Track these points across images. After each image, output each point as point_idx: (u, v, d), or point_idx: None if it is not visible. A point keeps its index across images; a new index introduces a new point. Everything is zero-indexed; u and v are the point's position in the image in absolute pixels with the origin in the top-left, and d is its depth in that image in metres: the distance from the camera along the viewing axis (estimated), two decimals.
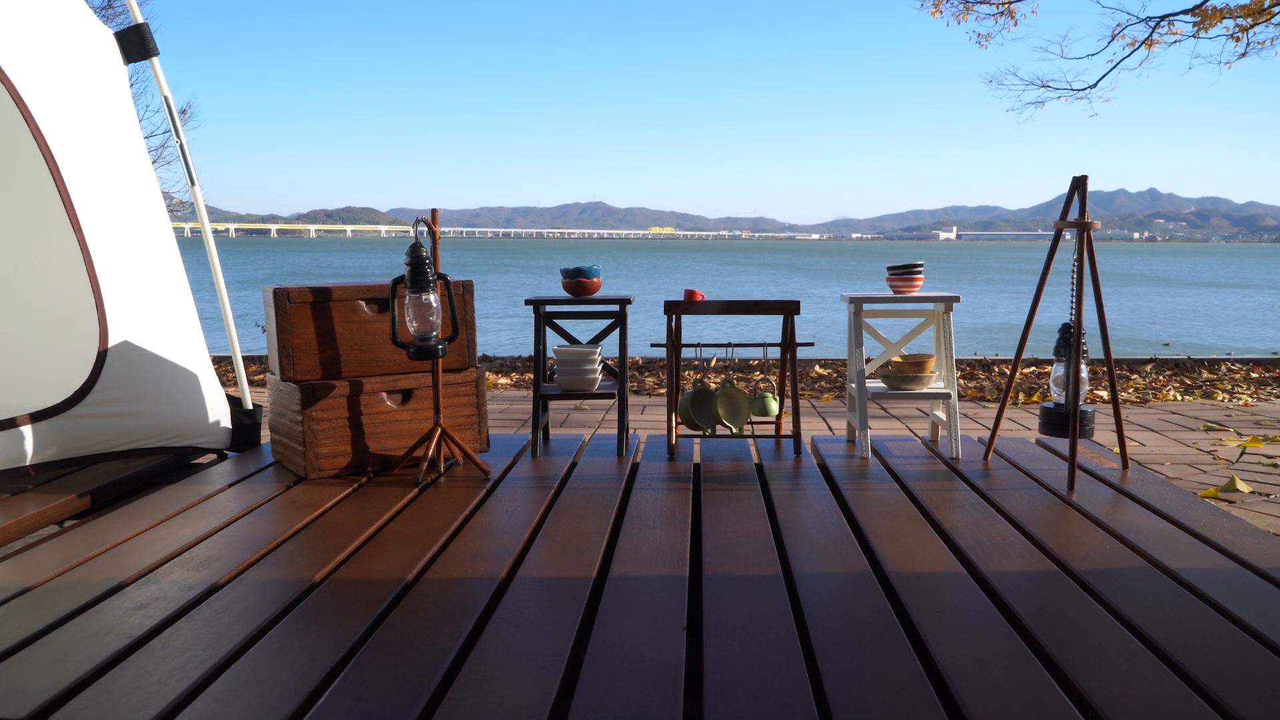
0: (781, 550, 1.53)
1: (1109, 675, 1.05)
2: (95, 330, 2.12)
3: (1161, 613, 1.24)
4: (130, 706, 1.00)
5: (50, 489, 1.97)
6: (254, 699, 1.01)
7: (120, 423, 2.17)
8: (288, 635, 1.19)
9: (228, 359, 5.87)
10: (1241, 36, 7.91)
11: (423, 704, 1.00)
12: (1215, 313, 15.83)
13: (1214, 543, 1.54)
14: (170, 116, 2.39)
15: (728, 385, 2.31)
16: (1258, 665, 1.08)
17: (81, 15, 2.15)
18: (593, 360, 2.29)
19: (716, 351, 6.80)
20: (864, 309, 2.31)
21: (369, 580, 1.39)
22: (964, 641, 1.15)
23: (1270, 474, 2.98)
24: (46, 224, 2.08)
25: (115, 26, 2.27)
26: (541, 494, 1.90)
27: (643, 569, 1.43)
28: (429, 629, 1.20)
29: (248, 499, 1.88)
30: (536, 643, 1.15)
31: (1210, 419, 4.04)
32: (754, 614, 1.24)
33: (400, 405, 2.14)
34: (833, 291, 20.12)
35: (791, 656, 1.11)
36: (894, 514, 1.74)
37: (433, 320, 1.96)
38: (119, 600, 1.32)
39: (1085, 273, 1.89)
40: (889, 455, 2.26)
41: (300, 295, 2.04)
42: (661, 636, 1.17)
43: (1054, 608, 1.26)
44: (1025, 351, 2.29)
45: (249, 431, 2.43)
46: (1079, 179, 1.91)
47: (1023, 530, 1.63)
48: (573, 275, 2.31)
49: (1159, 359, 6.07)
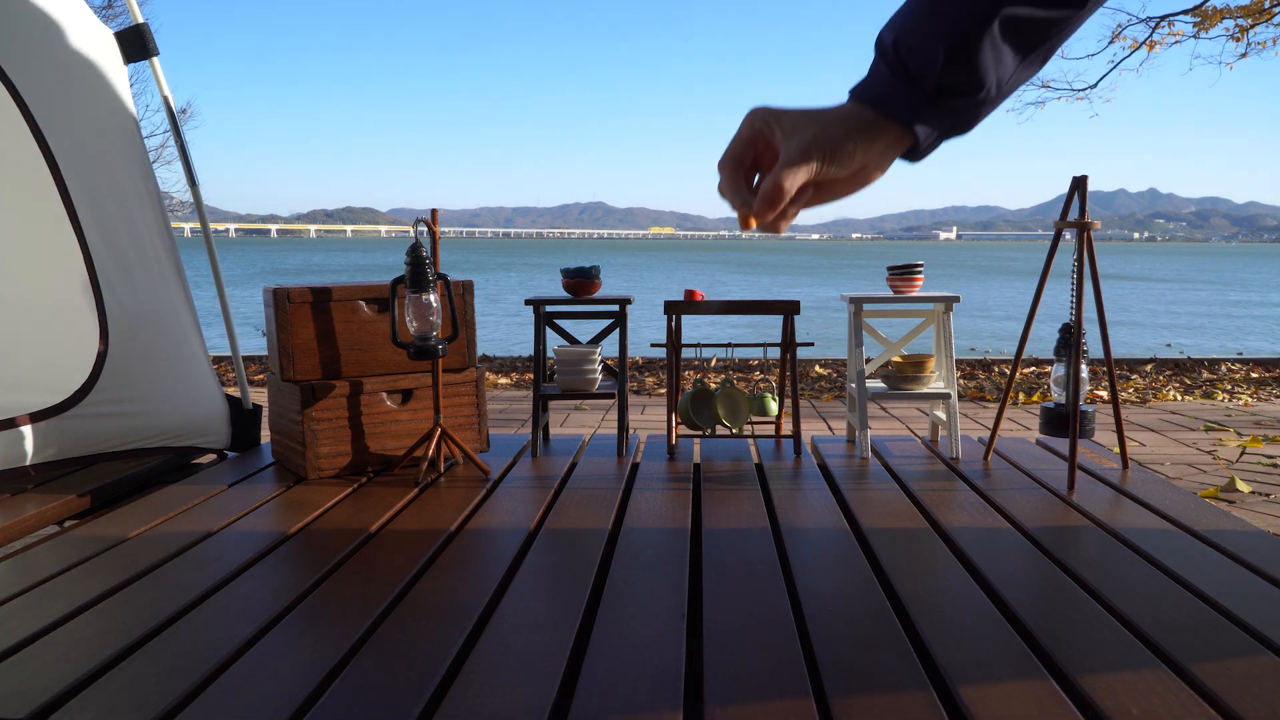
0: (781, 550, 1.53)
1: (1109, 675, 1.05)
2: (95, 330, 2.12)
3: (1161, 613, 1.24)
4: (130, 706, 1.00)
5: (50, 489, 1.97)
6: (254, 699, 1.01)
7: (120, 423, 2.17)
8: (288, 635, 1.19)
9: (228, 359, 5.87)
10: (1242, 37, 7.92)
11: (423, 704, 1.00)
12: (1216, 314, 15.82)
13: (1214, 543, 1.54)
14: (170, 116, 2.39)
15: (727, 385, 2.31)
16: (1258, 665, 1.08)
17: (81, 15, 2.15)
18: (593, 360, 2.29)
19: (716, 351, 6.80)
20: (864, 309, 2.31)
21: (369, 580, 1.39)
22: (964, 641, 1.15)
23: (1270, 474, 2.97)
24: (46, 224, 2.08)
25: (115, 26, 2.27)
26: (541, 494, 1.90)
27: (643, 569, 1.43)
28: (429, 629, 1.20)
29: (248, 499, 1.88)
30: (536, 643, 1.15)
31: (1210, 419, 4.04)
32: (754, 613, 1.24)
33: (400, 405, 2.14)
34: (833, 291, 20.11)
35: (791, 656, 1.11)
36: (894, 514, 1.74)
37: (433, 320, 1.96)
38: (119, 600, 1.32)
39: (1085, 273, 1.89)
40: (889, 455, 2.26)
41: (300, 295, 2.04)
42: (662, 636, 1.17)
43: (1054, 608, 1.26)
44: (1024, 351, 2.30)
45: (249, 432, 2.43)
46: (1079, 179, 1.91)
47: (1023, 530, 1.63)
48: (573, 275, 2.31)
49: (1159, 359, 6.07)
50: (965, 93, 0.69)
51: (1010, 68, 0.69)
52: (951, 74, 0.68)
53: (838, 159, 0.69)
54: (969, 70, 0.68)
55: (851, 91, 0.72)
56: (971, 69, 0.68)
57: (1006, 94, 0.72)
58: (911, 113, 0.69)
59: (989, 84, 0.69)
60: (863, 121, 0.69)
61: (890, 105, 0.69)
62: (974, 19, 0.66)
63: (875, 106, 0.69)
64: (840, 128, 0.69)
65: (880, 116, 0.69)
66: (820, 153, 0.68)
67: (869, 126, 0.69)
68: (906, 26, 0.69)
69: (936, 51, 0.67)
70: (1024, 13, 0.67)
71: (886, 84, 0.69)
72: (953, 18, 0.67)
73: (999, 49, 0.67)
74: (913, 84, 0.69)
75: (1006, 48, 0.68)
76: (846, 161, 0.69)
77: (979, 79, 0.68)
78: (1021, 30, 0.68)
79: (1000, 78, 0.69)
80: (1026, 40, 0.68)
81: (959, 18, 0.67)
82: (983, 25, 0.67)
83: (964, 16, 0.67)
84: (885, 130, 0.69)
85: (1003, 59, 0.68)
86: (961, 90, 0.69)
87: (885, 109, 0.69)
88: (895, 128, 0.69)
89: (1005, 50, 0.68)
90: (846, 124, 0.69)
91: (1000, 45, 0.67)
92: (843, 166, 0.69)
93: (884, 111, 0.69)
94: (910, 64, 0.68)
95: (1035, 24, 0.68)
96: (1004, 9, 0.66)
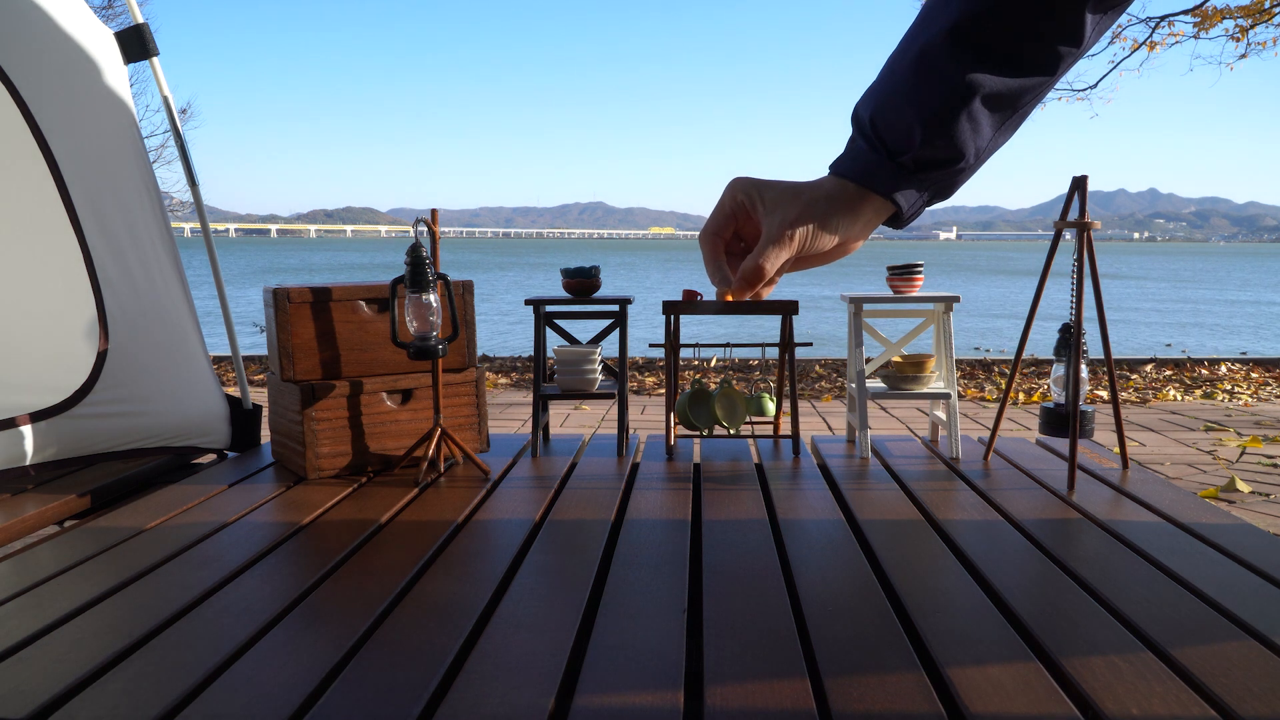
0: (781, 549, 1.53)
1: (1109, 675, 1.05)
2: (95, 330, 2.12)
3: (1161, 613, 1.24)
4: (131, 706, 1.00)
5: (50, 489, 1.97)
6: (254, 699, 1.01)
7: (120, 423, 2.17)
8: (288, 635, 1.19)
9: (228, 359, 5.87)
10: (1242, 37, 7.92)
11: (423, 704, 1.00)
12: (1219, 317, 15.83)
13: (1214, 543, 1.54)
14: (170, 116, 2.39)
15: (726, 385, 2.31)
16: (1258, 665, 1.08)
17: (81, 15, 2.15)
18: (593, 360, 2.29)
19: (715, 352, 6.80)
20: (864, 309, 2.31)
21: (369, 580, 1.39)
22: (964, 641, 1.15)
23: (1270, 474, 2.98)
24: (46, 224, 2.08)
25: (115, 26, 2.27)
26: (541, 494, 1.90)
27: (643, 569, 1.43)
28: (429, 629, 1.20)
29: (248, 499, 1.88)
30: (536, 643, 1.15)
31: (1210, 419, 4.04)
32: (754, 614, 1.24)
33: (400, 405, 2.14)
34: (832, 291, 20.11)
35: (791, 656, 1.11)
36: (894, 514, 1.74)
37: (433, 320, 1.96)
38: (119, 600, 1.32)
39: (1085, 272, 1.89)
40: (889, 455, 2.26)
41: (300, 295, 2.04)
42: (662, 636, 1.17)
43: (1054, 608, 1.26)
44: (1024, 351, 2.30)
45: (249, 432, 2.43)
46: (1079, 179, 1.91)
47: (1023, 530, 1.63)
48: (573, 275, 2.31)
49: (1159, 359, 6.07)
50: (945, 164, 0.70)
51: (987, 137, 0.70)
52: (930, 150, 0.68)
53: (821, 237, 0.70)
54: (947, 144, 0.68)
55: (832, 167, 0.72)
56: (950, 143, 0.68)
57: (985, 160, 0.72)
58: (893, 184, 0.70)
59: (969, 155, 0.70)
60: (846, 197, 0.70)
61: (872, 179, 0.70)
62: (949, 98, 0.67)
63: (857, 181, 0.70)
64: (824, 205, 0.69)
65: (863, 190, 0.70)
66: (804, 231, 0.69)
67: (851, 201, 0.70)
68: (881, 105, 0.69)
69: (914, 130, 0.68)
70: (998, 86, 0.67)
71: (867, 159, 0.70)
72: (927, 98, 0.67)
73: (976, 122, 0.68)
74: (892, 158, 0.69)
75: (983, 119, 0.68)
76: (829, 238, 0.70)
77: (959, 151, 0.69)
78: (996, 101, 0.68)
79: (979, 147, 0.70)
80: (1001, 109, 0.69)
81: (933, 98, 0.67)
82: (958, 103, 0.67)
83: (938, 97, 0.67)
84: (868, 203, 0.70)
85: (980, 130, 0.69)
86: (942, 163, 0.69)
87: (868, 182, 0.70)
88: (877, 199, 0.70)
89: (982, 122, 0.68)
90: (830, 201, 0.70)
91: (977, 117, 0.68)
92: (825, 244, 0.70)
93: (867, 184, 0.70)
94: (888, 140, 0.69)
95: (1010, 95, 0.68)
96: (978, 86, 0.67)
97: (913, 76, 0.68)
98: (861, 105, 0.71)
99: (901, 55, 0.70)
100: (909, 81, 0.68)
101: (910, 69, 0.68)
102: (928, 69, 0.67)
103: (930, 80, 0.67)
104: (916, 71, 0.68)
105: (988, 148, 0.71)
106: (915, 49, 0.68)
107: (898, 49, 0.71)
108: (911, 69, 0.68)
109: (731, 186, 0.72)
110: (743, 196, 0.71)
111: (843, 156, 0.72)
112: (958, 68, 0.66)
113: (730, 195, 0.72)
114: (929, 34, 0.68)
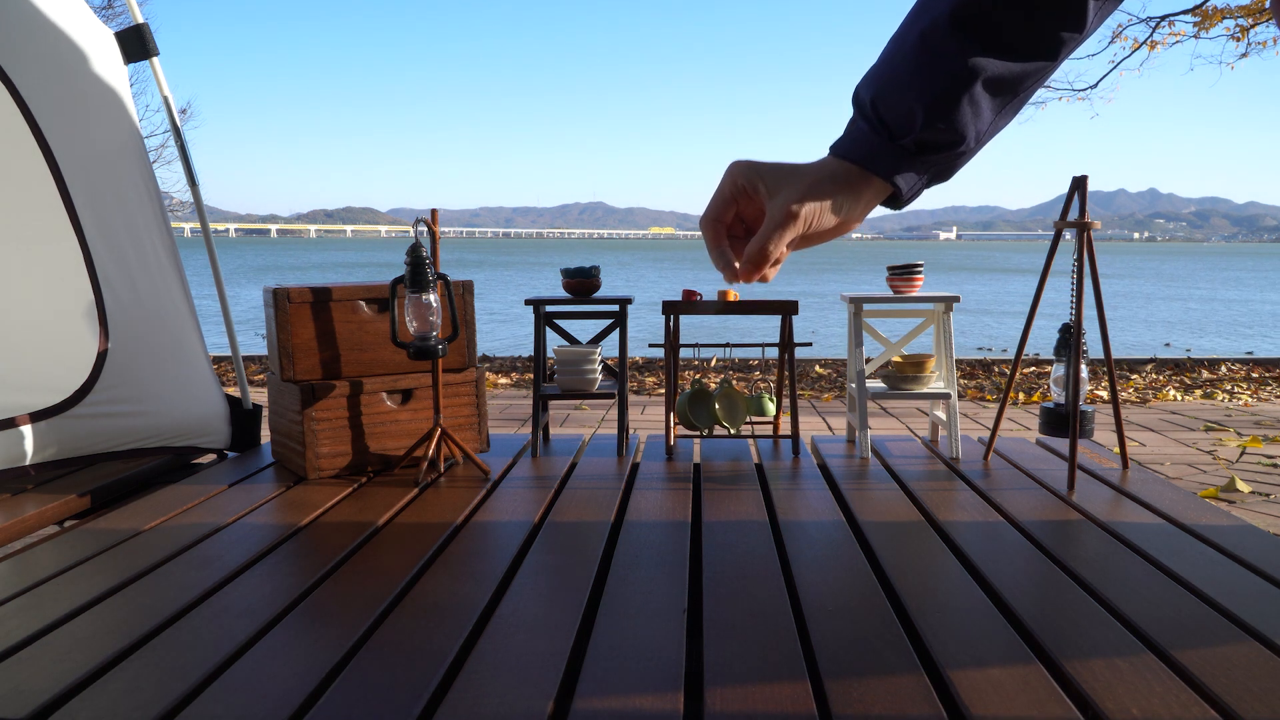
0: (781, 549, 1.53)
1: (1109, 675, 1.05)
2: (95, 330, 2.12)
3: (1161, 613, 1.24)
4: (131, 706, 1.00)
5: (50, 489, 1.97)
6: (254, 699, 1.01)
7: (120, 423, 2.17)
8: (288, 635, 1.19)
9: (228, 359, 5.87)
10: (1242, 37, 7.92)
11: (423, 704, 1.00)
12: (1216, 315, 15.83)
13: (1214, 543, 1.54)
14: (170, 116, 2.39)
15: (725, 385, 2.31)
16: (1258, 665, 1.08)
17: (81, 15, 2.15)
18: (593, 360, 2.29)
19: (715, 352, 6.80)
20: (864, 309, 2.31)
21: (369, 580, 1.39)
22: (964, 641, 1.15)
23: (1270, 474, 2.98)
24: (46, 224, 2.08)
25: (115, 26, 2.27)
26: (541, 494, 1.90)
27: (643, 569, 1.43)
28: (429, 629, 1.20)
29: (248, 499, 1.88)
30: (536, 643, 1.15)
31: (1210, 419, 4.04)
32: (754, 613, 1.24)
33: (400, 405, 2.14)
34: (832, 291, 20.12)
35: (791, 656, 1.11)
36: (894, 514, 1.74)
37: (433, 320, 1.96)
38: (119, 600, 1.32)
39: (1085, 272, 1.89)
40: (889, 455, 2.26)
41: (300, 295, 2.04)
42: (662, 636, 1.17)
43: (1054, 607, 1.26)
44: (1024, 351, 2.30)
45: (249, 432, 2.43)
46: (1079, 179, 1.91)
47: (1023, 530, 1.63)
48: (573, 275, 2.31)
49: (1159, 359, 6.07)
50: (946, 147, 0.70)
51: (988, 120, 0.70)
52: (931, 133, 0.69)
53: (823, 217, 0.70)
54: (949, 128, 0.68)
55: (832, 148, 0.72)
56: (951, 126, 0.68)
57: (985, 143, 0.73)
58: (894, 166, 0.70)
59: (969, 138, 0.70)
60: (847, 177, 0.70)
61: (874, 161, 0.70)
62: (951, 81, 0.67)
63: (858, 163, 0.70)
64: (826, 185, 0.70)
65: (864, 171, 0.70)
66: (809, 210, 0.69)
67: (853, 182, 0.70)
68: (882, 87, 0.70)
69: (915, 113, 0.68)
70: (999, 70, 0.67)
71: (868, 141, 0.70)
72: (929, 82, 0.67)
73: (977, 105, 0.68)
74: (894, 140, 0.69)
75: (984, 103, 0.69)
76: (833, 218, 0.70)
77: (959, 134, 0.69)
78: (997, 85, 0.68)
79: (979, 130, 0.70)
80: (1002, 94, 0.69)
81: (935, 82, 0.67)
82: (960, 86, 0.67)
83: (940, 81, 0.67)
84: (868, 184, 0.70)
85: (981, 113, 0.69)
86: (942, 146, 0.70)
87: (869, 164, 0.70)
88: (878, 181, 0.70)
89: (983, 105, 0.69)
90: (832, 181, 0.70)
91: (978, 101, 0.68)
92: (829, 223, 0.70)
93: (868, 166, 0.70)
94: (890, 122, 0.69)
95: (1011, 79, 0.68)
96: (980, 70, 0.67)
97: (914, 60, 0.68)
98: (863, 87, 0.71)
99: (903, 38, 0.70)
100: (911, 65, 0.68)
101: (912, 52, 0.68)
102: (930, 52, 0.67)
103: (932, 64, 0.67)
104: (918, 55, 0.68)
105: (988, 131, 0.71)
106: (916, 32, 0.68)
107: (899, 31, 0.71)
108: (913, 52, 0.68)
109: (731, 170, 0.72)
110: (743, 180, 0.71)
111: (843, 138, 0.72)
112: (960, 51, 0.67)
113: (730, 179, 0.72)
114: (931, 17, 0.68)
